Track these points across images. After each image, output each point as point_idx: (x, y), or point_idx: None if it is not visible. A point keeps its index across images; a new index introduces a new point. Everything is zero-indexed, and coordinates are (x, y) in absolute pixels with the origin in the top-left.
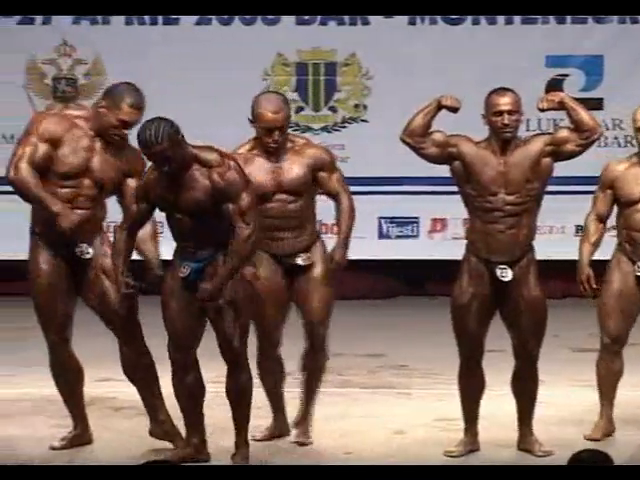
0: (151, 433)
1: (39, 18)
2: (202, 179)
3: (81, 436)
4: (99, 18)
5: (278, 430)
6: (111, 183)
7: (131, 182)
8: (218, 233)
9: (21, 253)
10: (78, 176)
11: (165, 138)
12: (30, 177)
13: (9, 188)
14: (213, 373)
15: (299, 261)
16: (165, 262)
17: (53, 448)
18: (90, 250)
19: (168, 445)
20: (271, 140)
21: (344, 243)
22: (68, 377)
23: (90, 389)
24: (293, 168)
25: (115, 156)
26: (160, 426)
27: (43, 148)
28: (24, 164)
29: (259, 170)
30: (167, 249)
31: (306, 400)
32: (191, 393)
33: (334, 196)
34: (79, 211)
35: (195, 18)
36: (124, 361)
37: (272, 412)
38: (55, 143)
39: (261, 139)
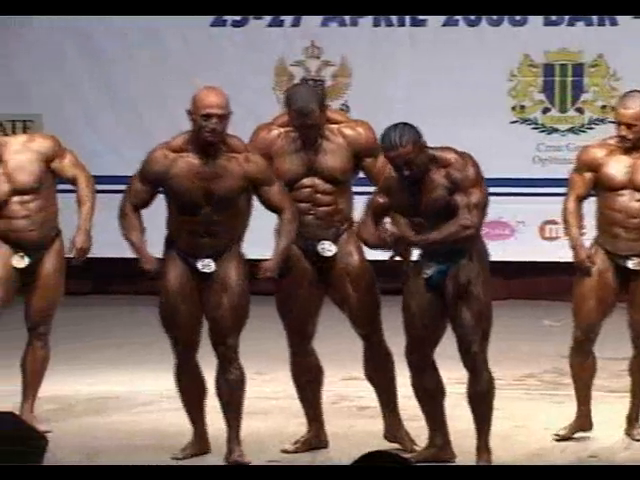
0: (385, 436)
1: (288, 20)
2: (441, 179)
3: (313, 439)
4: (347, 19)
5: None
6: (341, 171)
7: (369, 161)
8: None
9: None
10: (305, 177)
11: (409, 142)
12: None
13: None
14: (458, 373)
15: (630, 265)
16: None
17: (285, 451)
18: (332, 248)
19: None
20: (626, 136)
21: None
22: (305, 376)
23: (338, 387)
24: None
25: (334, 147)
26: (392, 429)
27: None
28: None
29: (616, 162)
30: None
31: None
32: (430, 394)
33: None
34: (320, 209)
35: (442, 19)
36: (366, 361)
37: None
38: (269, 158)
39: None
